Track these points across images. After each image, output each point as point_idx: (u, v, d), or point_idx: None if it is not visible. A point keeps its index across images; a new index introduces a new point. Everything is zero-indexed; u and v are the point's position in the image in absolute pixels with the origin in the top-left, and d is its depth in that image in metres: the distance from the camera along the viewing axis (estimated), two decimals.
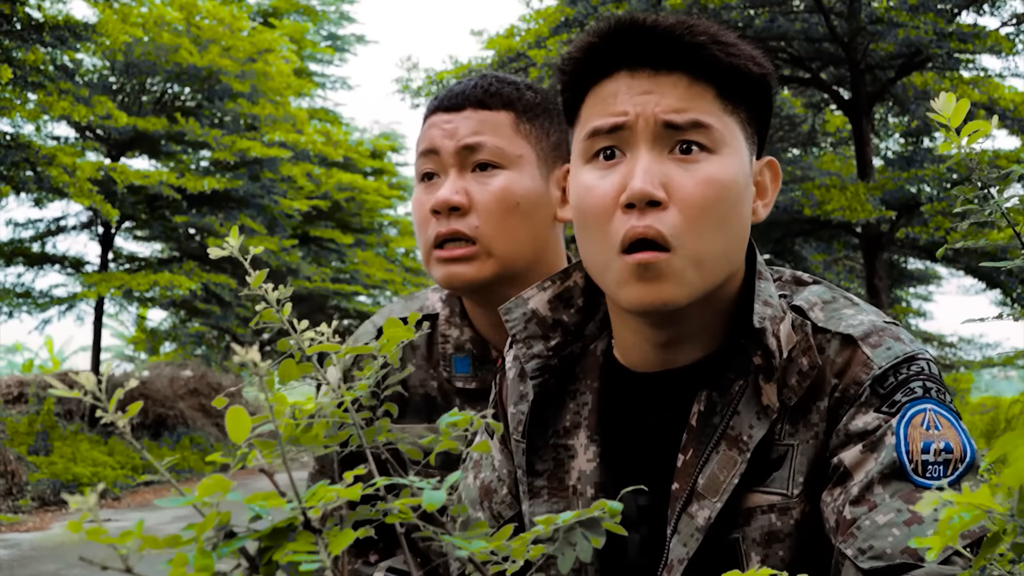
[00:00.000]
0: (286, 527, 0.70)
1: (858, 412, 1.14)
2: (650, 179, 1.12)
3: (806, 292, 1.26)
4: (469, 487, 1.40)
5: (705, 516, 1.17)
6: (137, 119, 17.66)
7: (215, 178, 18.32)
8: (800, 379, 1.17)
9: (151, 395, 20.27)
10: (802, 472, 1.16)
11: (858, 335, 1.18)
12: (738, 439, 1.18)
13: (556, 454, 1.31)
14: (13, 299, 19.18)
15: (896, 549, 1.02)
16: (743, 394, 1.19)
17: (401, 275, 28.35)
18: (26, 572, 8.76)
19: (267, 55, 19.66)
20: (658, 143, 1.15)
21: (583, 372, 1.33)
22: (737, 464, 1.17)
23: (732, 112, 1.18)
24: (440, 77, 16.07)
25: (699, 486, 1.18)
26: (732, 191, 1.15)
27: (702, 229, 1.13)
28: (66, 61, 16.50)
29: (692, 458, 1.20)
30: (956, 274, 19.84)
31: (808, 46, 14.11)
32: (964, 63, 14.27)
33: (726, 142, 1.16)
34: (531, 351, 1.29)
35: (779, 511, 1.16)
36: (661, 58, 1.16)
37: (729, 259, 1.18)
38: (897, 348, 1.17)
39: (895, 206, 13.87)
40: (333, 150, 23.80)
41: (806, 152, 18.92)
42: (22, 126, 15.73)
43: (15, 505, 13.14)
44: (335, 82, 28.53)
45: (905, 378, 1.14)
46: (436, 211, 1.57)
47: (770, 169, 1.26)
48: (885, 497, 1.07)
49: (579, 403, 1.32)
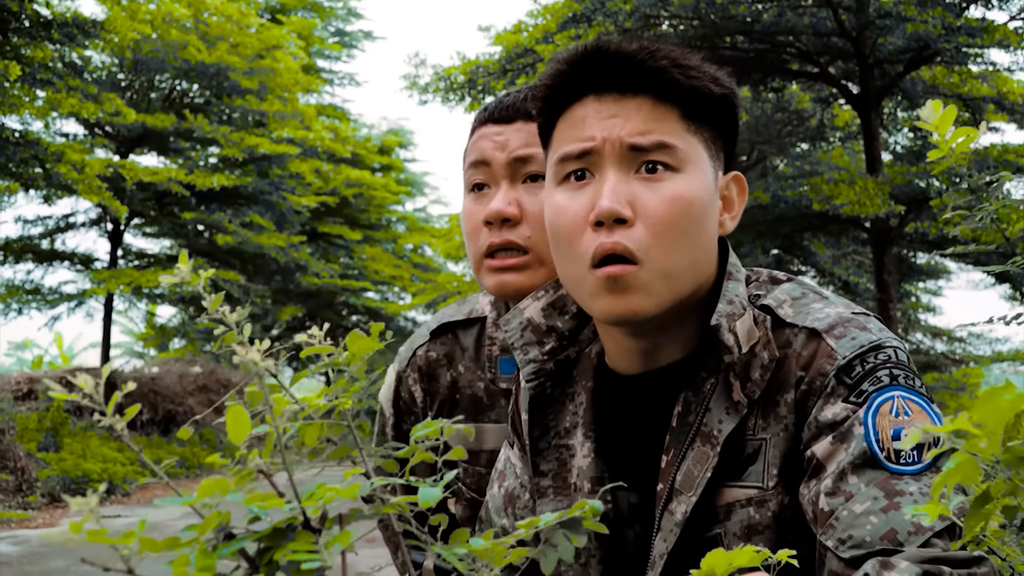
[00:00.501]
0: (285, 527, 0.71)
1: (826, 403, 1.16)
2: (617, 198, 1.17)
3: (776, 290, 1.29)
4: (495, 496, 1.46)
5: (682, 511, 1.20)
6: (146, 116, 17.69)
7: (224, 175, 18.35)
8: (762, 372, 1.21)
9: (160, 391, 20.32)
10: (776, 464, 1.19)
11: (822, 328, 1.21)
12: (710, 435, 1.21)
13: (559, 454, 1.36)
14: (22, 296, 19.24)
15: (875, 536, 1.05)
16: (714, 391, 1.23)
17: (409, 271, 28.36)
18: (36, 569, 8.79)
19: (275, 52, 19.68)
20: (624, 164, 1.20)
21: (579, 375, 1.38)
22: (710, 459, 1.20)
23: (695, 132, 1.22)
24: (448, 73, 16.06)
25: (677, 483, 1.22)
26: (696, 207, 1.20)
27: (668, 243, 1.18)
28: (75, 58, 16.53)
29: (673, 457, 1.24)
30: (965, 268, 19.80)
31: (816, 40, 14.08)
32: (973, 57, 14.22)
33: (690, 161, 1.21)
34: (527, 357, 1.35)
35: (756, 504, 1.19)
36: (626, 82, 1.21)
37: (696, 270, 1.23)
38: (862, 337, 1.19)
39: (904, 200, 13.83)
40: (341, 146, 23.80)
41: (815, 147, 18.89)
42: (31, 123, 15.77)
43: (24, 502, 13.18)
44: (343, 78, 28.54)
45: (872, 367, 1.16)
46: (488, 222, 1.60)
47: (736, 183, 1.30)
48: (860, 486, 1.09)
49: (576, 404, 1.37)
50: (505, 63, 15.36)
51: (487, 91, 15.93)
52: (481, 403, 1.73)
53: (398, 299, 30.03)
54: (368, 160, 27.83)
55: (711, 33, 13.76)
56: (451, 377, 1.75)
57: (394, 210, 29.66)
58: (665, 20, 13.82)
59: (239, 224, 20.04)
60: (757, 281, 1.33)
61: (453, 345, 1.76)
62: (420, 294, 26.06)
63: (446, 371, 1.75)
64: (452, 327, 1.78)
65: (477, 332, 1.76)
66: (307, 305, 27.03)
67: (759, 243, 15.46)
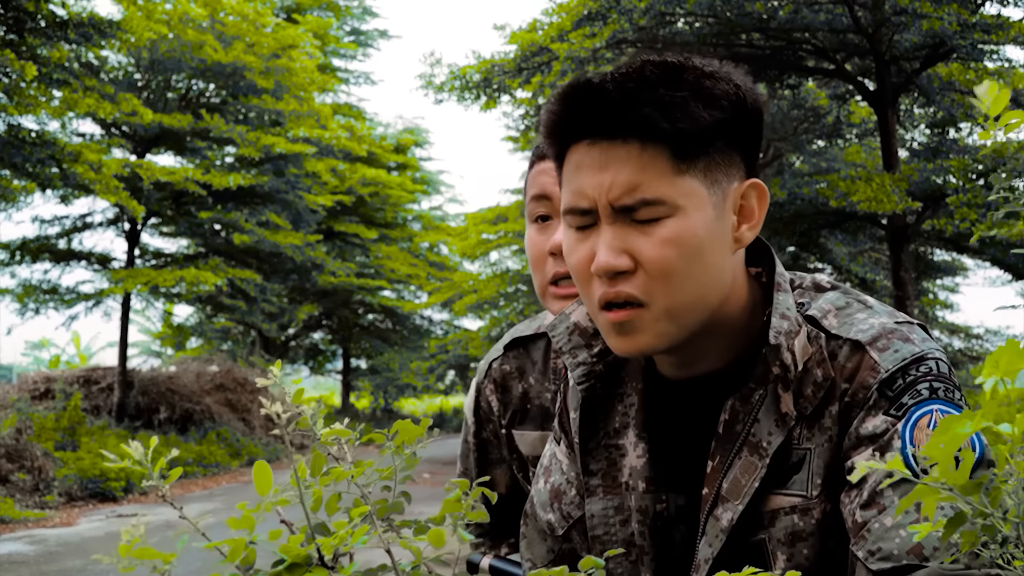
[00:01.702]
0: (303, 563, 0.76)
1: (867, 416, 1.19)
2: (612, 253, 1.21)
3: (821, 300, 1.31)
4: (540, 491, 1.49)
5: (728, 518, 1.23)
6: (162, 116, 17.74)
7: (240, 174, 18.40)
8: (815, 390, 1.23)
9: (178, 390, 20.39)
10: (820, 474, 1.22)
11: (866, 340, 1.22)
12: (758, 445, 1.24)
13: (608, 454, 1.39)
14: (40, 295, 19.32)
15: (902, 550, 1.08)
16: (763, 403, 1.25)
17: (425, 269, 28.38)
18: (52, 568, 8.82)
19: (291, 51, 19.71)
20: (619, 218, 1.22)
21: (628, 376, 1.40)
22: (758, 469, 1.23)
23: (688, 170, 1.21)
24: (463, 72, 16.07)
25: (723, 490, 1.25)
26: (692, 245, 1.21)
27: (669, 285, 1.21)
28: (91, 58, 16.61)
29: (719, 464, 1.27)
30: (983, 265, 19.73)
31: (832, 37, 14.03)
32: (988, 54, 14.17)
33: (680, 204, 1.21)
34: (576, 360, 1.38)
35: (800, 512, 1.22)
36: (612, 129, 1.21)
37: (705, 301, 1.24)
38: (905, 350, 1.21)
39: (921, 197, 13.79)
40: (357, 145, 23.84)
41: (831, 144, 18.83)
42: (47, 123, 15.84)
43: (42, 501, 13.23)
44: (358, 77, 28.60)
45: (913, 380, 1.19)
46: (553, 253, 1.72)
47: (756, 191, 1.28)
48: (894, 499, 1.12)
49: (626, 405, 1.40)
50: (520, 62, 15.36)
51: (502, 90, 15.94)
52: (548, 413, 1.82)
53: (414, 297, 30.09)
54: (384, 159, 27.87)
55: (727, 30, 13.74)
56: (522, 388, 1.86)
57: (410, 209, 29.71)
58: (680, 17, 13.79)
59: (255, 223, 20.10)
60: (801, 288, 1.35)
61: (524, 359, 1.87)
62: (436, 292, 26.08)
63: (518, 383, 1.86)
64: (523, 342, 1.89)
65: (545, 346, 1.87)
66: (323, 303, 27.09)
67: (775, 240, 15.43)
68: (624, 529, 1.35)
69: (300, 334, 29.26)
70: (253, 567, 0.76)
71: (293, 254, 20.77)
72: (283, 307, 23.94)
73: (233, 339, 27.91)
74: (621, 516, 1.35)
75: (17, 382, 21.66)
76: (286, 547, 0.77)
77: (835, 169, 15.81)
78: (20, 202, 16.34)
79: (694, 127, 1.19)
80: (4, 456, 13.58)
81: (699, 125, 1.20)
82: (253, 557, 0.76)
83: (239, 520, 0.76)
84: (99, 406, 19.65)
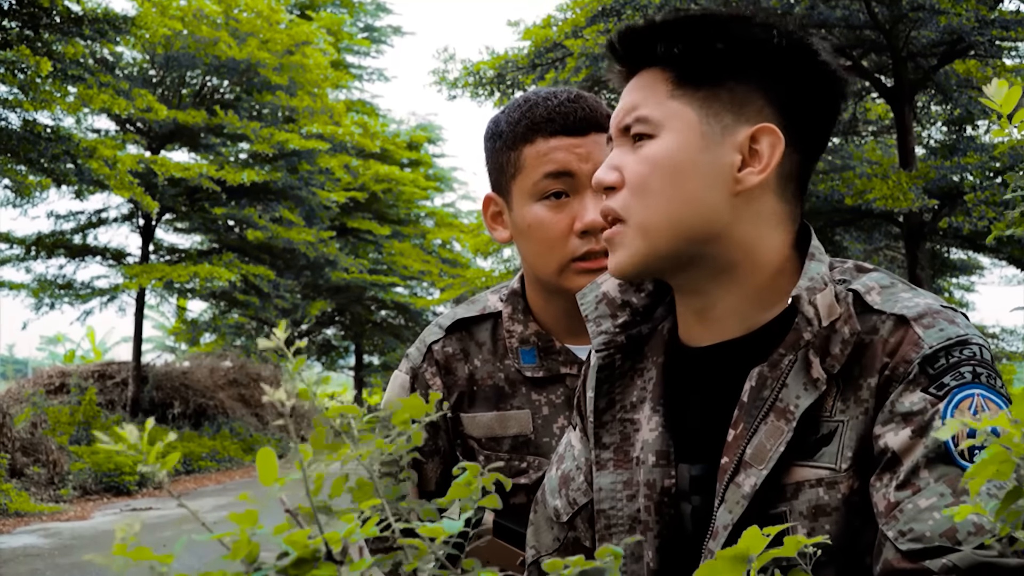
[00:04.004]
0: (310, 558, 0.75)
1: (906, 390, 1.17)
2: (605, 169, 1.32)
3: (865, 278, 1.30)
4: (551, 478, 1.50)
5: (751, 484, 1.21)
6: (177, 112, 17.77)
7: (254, 170, 18.43)
8: (842, 347, 1.21)
9: (192, 385, 20.45)
10: (851, 448, 1.19)
11: (911, 315, 1.20)
12: (785, 410, 1.22)
13: (623, 428, 1.39)
14: (55, 290, 19.39)
15: (935, 532, 1.05)
16: (792, 368, 1.24)
17: (438, 266, 28.38)
18: (67, 561, 8.84)
19: (304, 47, 19.73)
20: (621, 140, 1.33)
21: (650, 350, 1.41)
22: (784, 433, 1.21)
23: (683, 95, 1.28)
24: (477, 68, 16.05)
25: (747, 456, 1.23)
26: (666, 166, 1.27)
27: (643, 201, 1.28)
28: (106, 54, 16.65)
29: (742, 431, 1.25)
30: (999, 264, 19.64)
31: (849, 33, 13.97)
32: (1007, 51, 14.09)
33: (664, 124, 1.28)
34: (599, 328, 1.40)
35: (827, 485, 1.19)
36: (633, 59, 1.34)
37: (679, 226, 1.27)
38: (950, 330, 1.19)
39: (937, 195, 13.71)
40: (370, 142, 23.84)
41: (847, 141, 18.75)
42: (62, 119, 15.87)
43: (56, 494, 13.28)
44: (372, 74, 28.60)
45: (956, 361, 1.16)
46: (586, 231, 1.72)
47: (769, 135, 1.28)
48: (930, 481, 1.09)
49: (645, 379, 1.39)
50: (534, 58, 15.33)
51: (516, 86, 15.91)
52: (503, 392, 1.82)
53: (426, 294, 30.09)
54: (397, 155, 27.86)
55: None
56: (468, 370, 1.84)
57: (422, 205, 29.70)
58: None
59: (269, 219, 20.13)
60: (842, 268, 1.34)
61: (468, 340, 1.86)
62: (448, 289, 26.07)
63: (463, 365, 1.84)
64: (466, 323, 1.88)
65: (491, 327, 1.87)
66: (336, 300, 27.10)
67: None
68: (631, 504, 1.34)
69: (313, 330, 29.28)
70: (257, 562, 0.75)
71: (306, 250, 20.79)
72: (296, 303, 23.95)
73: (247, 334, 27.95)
74: (629, 491, 1.35)
75: (32, 376, 21.77)
76: (292, 540, 0.75)
77: (851, 167, 15.73)
78: (35, 197, 16.38)
79: (696, 55, 1.28)
80: (19, 450, 13.63)
81: (702, 54, 1.28)
82: (257, 552, 0.75)
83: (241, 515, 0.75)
84: (114, 400, 19.72)
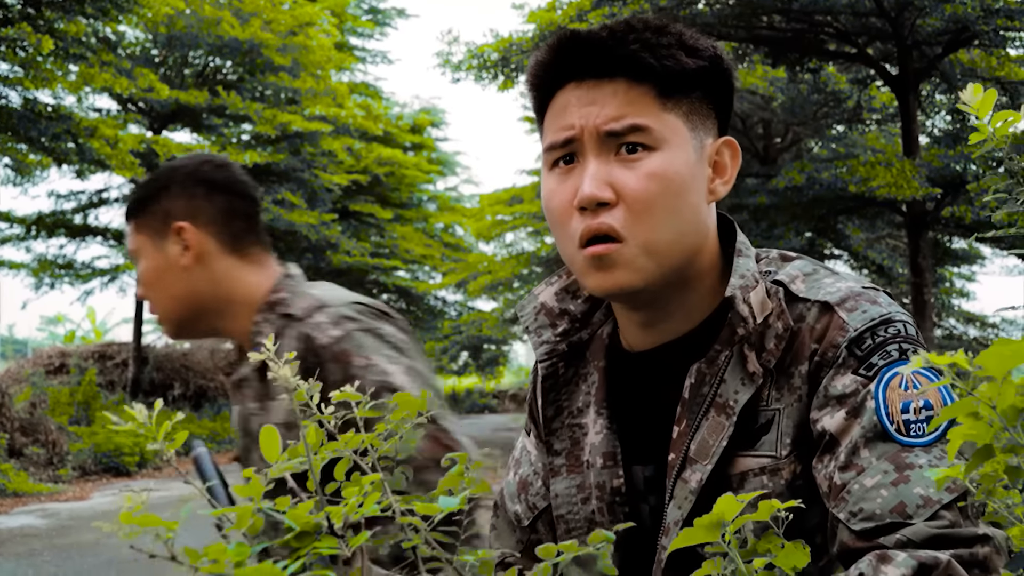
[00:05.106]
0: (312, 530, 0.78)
1: (837, 374, 1.21)
2: (596, 184, 1.25)
3: (788, 267, 1.34)
4: (510, 483, 1.53)
5: (697, 479, 1.25)
6: (179, 92, 17.74)
7: (256, 152, 18.40)
8: (777, 342, 1.26)
9: (192, 367, 20.46)
10: (789, 434, 1.23)
11: (835, 301, 1.25)
12: (725, 405, 1.26)
13: (572, 433, 1.43)
14: (55, 270, 19.38)
15: (885, 509, 1.09)
16: (728, 363, 1.28)
17: (440, 250, 28.37)
18: (65, 541, 8.84)
19: (308, 28, 19.67)
20: (604, 149, 1.27)
21: (592, 355, 1.44)
22: (725, 428, 1.25)
23: (672, 108, 1.28)
24: (481, 51, 15.99)
25: (691, 452, 1.27)
26: (675, 182, 1.26)
27: (650, 220, 1.25)
28: (108, 33, 16.58)
29: (685, 428, 1.29)
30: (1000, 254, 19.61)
31: (854, 21, 13.91)
32: (1011, 40, 14.05)
33: (666, 138, 1.27)
34: (540, 339, 1.42)
35: (770, 472, 1.24)
36: (601, 68, 1.28)
37: (683, 242, 1.28)
38: (873, 311, 1.23)
39: (941, 184, 13.67)
40: (373, 124, 23.80)
41: (851, 129, 18.71)
42: (63, 98, 15.83)
43: (55, 475, 13.29)
44: (375, 56, 28.52)
45: (882, 340, 1.21)
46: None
47: (729, 148, 1.34)
48: (872, 460, 1.13)
49: (589, 384, 1.43)
50: (539, 41, 15.25)
51: (520, 69, 15.84)
52: None
53: (428, 278, 30.08)
54: (400, 139, 27.82)
55: (748, 12, 13.63)
56: None
57: (425, 189, 29.67)
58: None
59: (271, 201, 20.10)
60: (768, 259, 1.37)
61: None
62: (450, 273, 26.09)
63: None
64: None
65: None
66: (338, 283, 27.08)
67: (793, 225, 15.35)
68: (585, 507, 1.37)
69: None
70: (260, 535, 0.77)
71: (308, 233, 20.78)
72: None
73: None
74: (583, 494, 1.37)
75: (32, 356, 21.77)
76: (295, 514, 0.77)
77: (854, 155, 15.68)
78: (36, 177, 16.37)
79: (679, 67, 1.27)
80: (19, 430, 13.64)
81: (684, 67, 1.27)
82: (260, 524, 0.77)
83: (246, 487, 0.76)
84: (113, 381, 19.73)
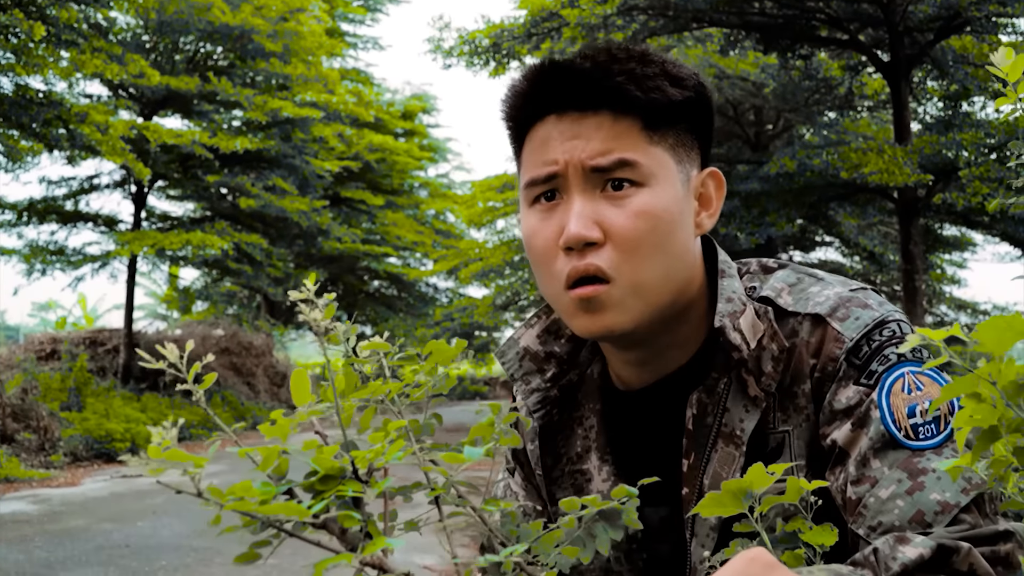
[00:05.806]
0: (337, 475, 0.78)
1: (839, 387, 1.18)
2: (583, 222, 1.18)
3: (772, 280, 1.30)
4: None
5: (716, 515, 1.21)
6: (170, 78, 17.67)
7: (247, 138, 18.34)
8: (774, 364, 1.22)
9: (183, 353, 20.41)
10: (802, 455, 1.21)
11: (825, 312, 1.22)
12: (732, 434, 1.23)
13: (574, 480, 1.38)
14: (46, 256, 19.32)
15: (903, 520, 1.06)
16: (728, 390, 1.24)
17: (431, 237, 28.34)
18: (56, 527, 8.84)
19: (299, 14, 19.61)
20: (589, 185, 1.20)
21: (585, 397, 1.39)
22: (736, 459, 1.22)
23: (659, 141, 1.22)
24: (472, 37, 15.95)
25: (705, 487, 1.23)
26: (664, 219, 1.20)
27: (639, 259, 1.19)
28: (99, 19, 16.50)
29: (695, 461, 1.25)
30: (991, 240, 19.64)
31: (846, 7, 13.90)
32: (1003, 27, 14.04)
33: (654, 173, 1.21)
34: (529, 387, 1.36)
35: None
36: (584, 100, 1.21)
37: (671, 280, 1.23)
38: (865, 316, 1.20)
39: (932, 170, 13.68)
40: (364, 111, 23.75)
41: (842, 115, 18.71)
42: (55, 83, 15.76)
43: (47, 461, 13.27)
44: (367, 42, 28.44)
45: (879, 345, 1.17)
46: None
47: (714, 179, 1.29)
48: (884, 470, 1.10)
49: (586, 427, 1.38)
50: (530, 27, 15.23)
51: (512, 55, 15.81)
52: None
53: (420, 265, 30.06)
54: (391, 125, 27.77)
55: None
56: None
57: (416, 176, 29.63)
58: None
59: (262, 188, 20.06)
60: (749, 272, 1.33)
61: None
62: (442, 260, 26.04)
63: None
64: None
65: None
66: (329, 269, 27.07)
67: (784, 212, 15.36)
68: (599, 557, 1.32)
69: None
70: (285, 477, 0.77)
71: (299, 219, 20.75)
72: (289, 272, 23.89)
73: (239, 303, 27.92)
74: None
75: (23, 342, 21.72)
76: (319, 458, 0.77)
77: (846, 141, 15.69)
78: (27, 162, 16.30)
79: (665, 99, 1.21)
80: (10, 415, 13.62)
81: (669, 98, 1.21)
82: (286, 466, 0.77)
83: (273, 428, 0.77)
84: (105, 367, 19.70)
